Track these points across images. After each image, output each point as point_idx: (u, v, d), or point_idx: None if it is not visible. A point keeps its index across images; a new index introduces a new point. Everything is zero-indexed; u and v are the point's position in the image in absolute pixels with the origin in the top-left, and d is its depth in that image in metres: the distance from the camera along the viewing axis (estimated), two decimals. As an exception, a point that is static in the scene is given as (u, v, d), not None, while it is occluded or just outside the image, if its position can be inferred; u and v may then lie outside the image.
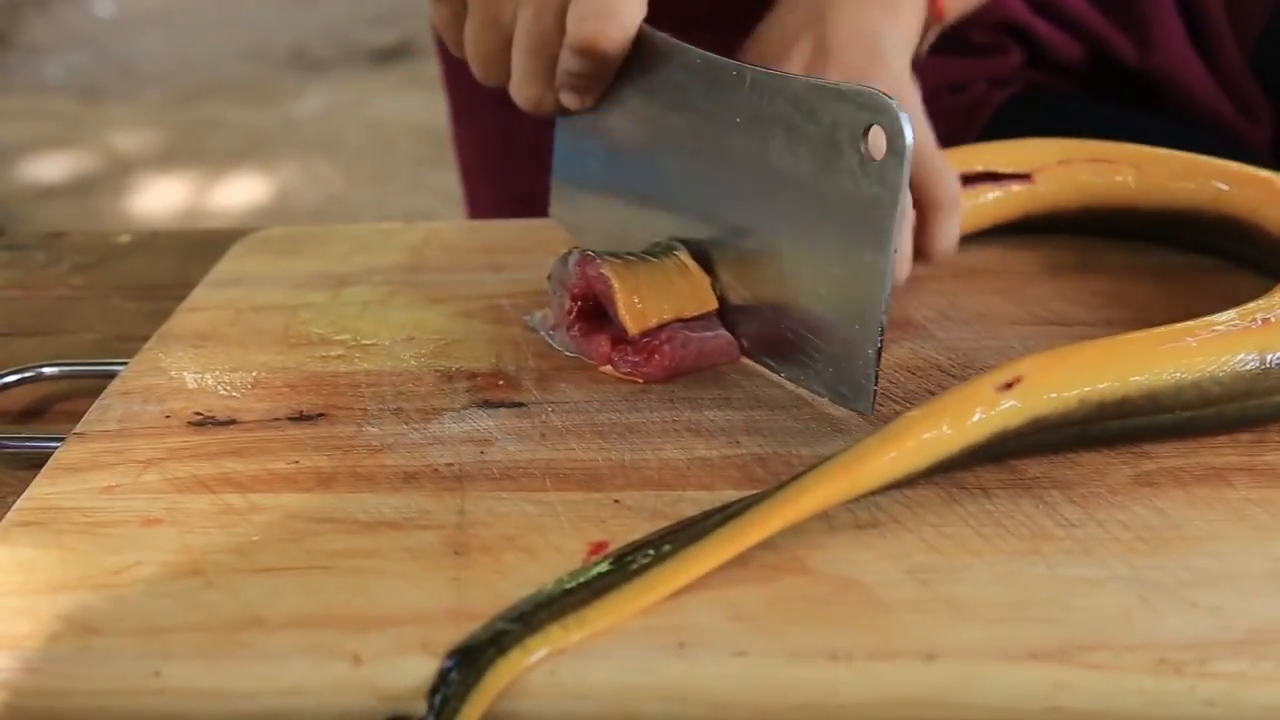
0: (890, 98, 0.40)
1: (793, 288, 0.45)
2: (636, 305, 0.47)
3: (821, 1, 0.54)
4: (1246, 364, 0.42)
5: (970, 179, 0.57)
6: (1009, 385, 0.40)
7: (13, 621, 0.36)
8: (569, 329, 0.49)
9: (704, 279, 0.48)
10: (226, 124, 2.78)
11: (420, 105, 2.65)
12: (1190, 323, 0.43)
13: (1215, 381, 0.41)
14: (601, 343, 0.48)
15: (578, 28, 0.46)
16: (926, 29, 0.56)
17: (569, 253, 0.49)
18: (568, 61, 0.48)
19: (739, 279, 0.48)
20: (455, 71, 0.86)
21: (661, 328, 0.47)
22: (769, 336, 0.47)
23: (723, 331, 0.48)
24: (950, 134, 0.70)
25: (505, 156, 0.84)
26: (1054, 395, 0.40)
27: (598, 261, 0.47)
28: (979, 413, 0.39)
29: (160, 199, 2.43)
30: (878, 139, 0.41)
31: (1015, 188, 0.57)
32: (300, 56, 3.16)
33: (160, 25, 3.48)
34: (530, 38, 0.48)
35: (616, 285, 0.47)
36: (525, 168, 0.81)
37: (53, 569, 0.38)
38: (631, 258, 0.48)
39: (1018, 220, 0.58)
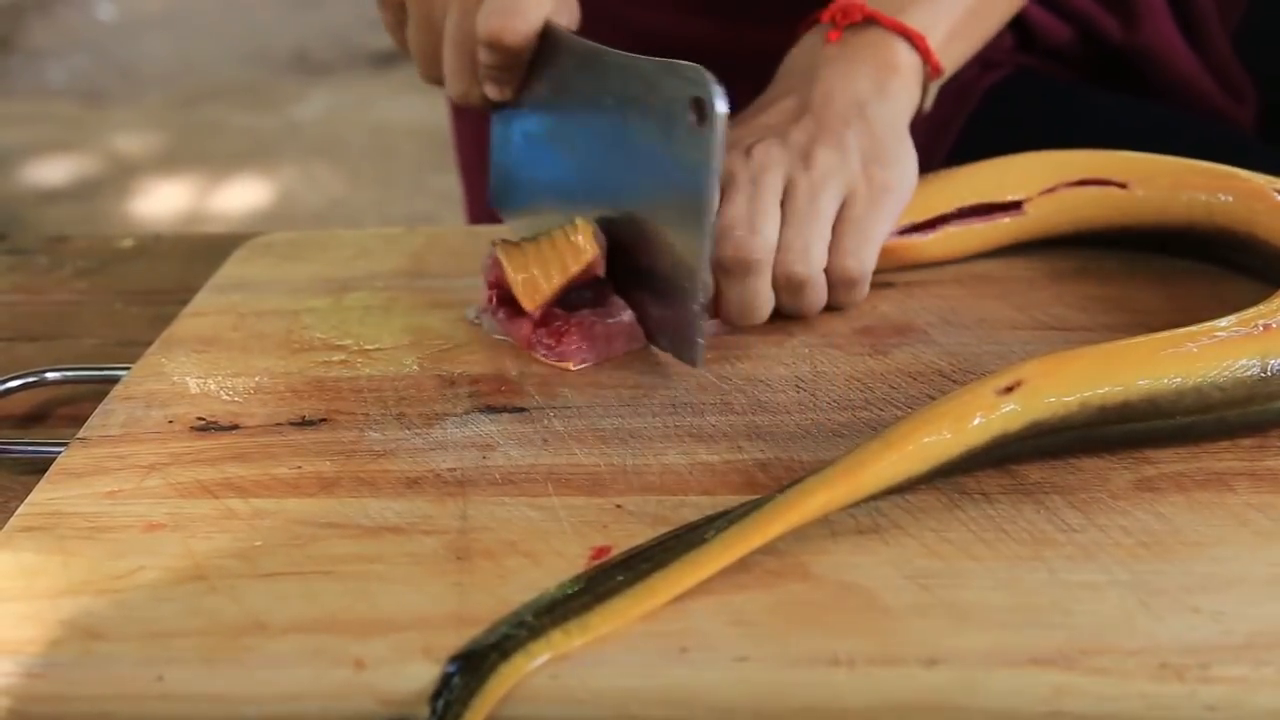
0: (707, 74, 0.44)
1: (652, 253, 0.49)
2: (525, 280, 0.50)
3: (814, 67, 0.55)
4: (1248, 369, 0.42)
5: (960, 214, 0.57)
6: (1009, 389, 0.40)
7: (16, 626, 0.36)
8: (494, 315, 0.52)
9: (587, 236, 0.50)
10: (228, 127, 2.79)
11: (422, 108, 2.65)
12: (1191, 328, 0.43)
13: (1216, 387, 0.41)
14: (523, 326, 0.50)
15: (484, 23, 0.50)
16: (926, 86, 0.56)
17: (491, 244, 0.52)
18: (481, 55, 0.52)
19: (632, 253, 0.50)
20: None
21: (562, 303, 0.50)
22: (648, 309, 0.50)
23: (626, 315, 0.50)
24: (940, 116, 0.70)
25: None
26: (1054, 399, 0.40)
27: (493, 248, 0.51)
28: (979, 416, 0.40)
29: (162, 203, 2.44)
30: (700, 108, 0.44)
31: (1005, 220, 0.57)
32: (302, 60, 3.17)
33: (162, 29, 3.48)
34: (455, 36, 0.52)
35: (507, 266, 0.50)
36: None
37: (56, 574, 0.38)
38: (528, 239, 0.51)
39: (1009, 245, 0.58)
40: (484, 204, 0.89)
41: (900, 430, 0.39)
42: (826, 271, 0.52)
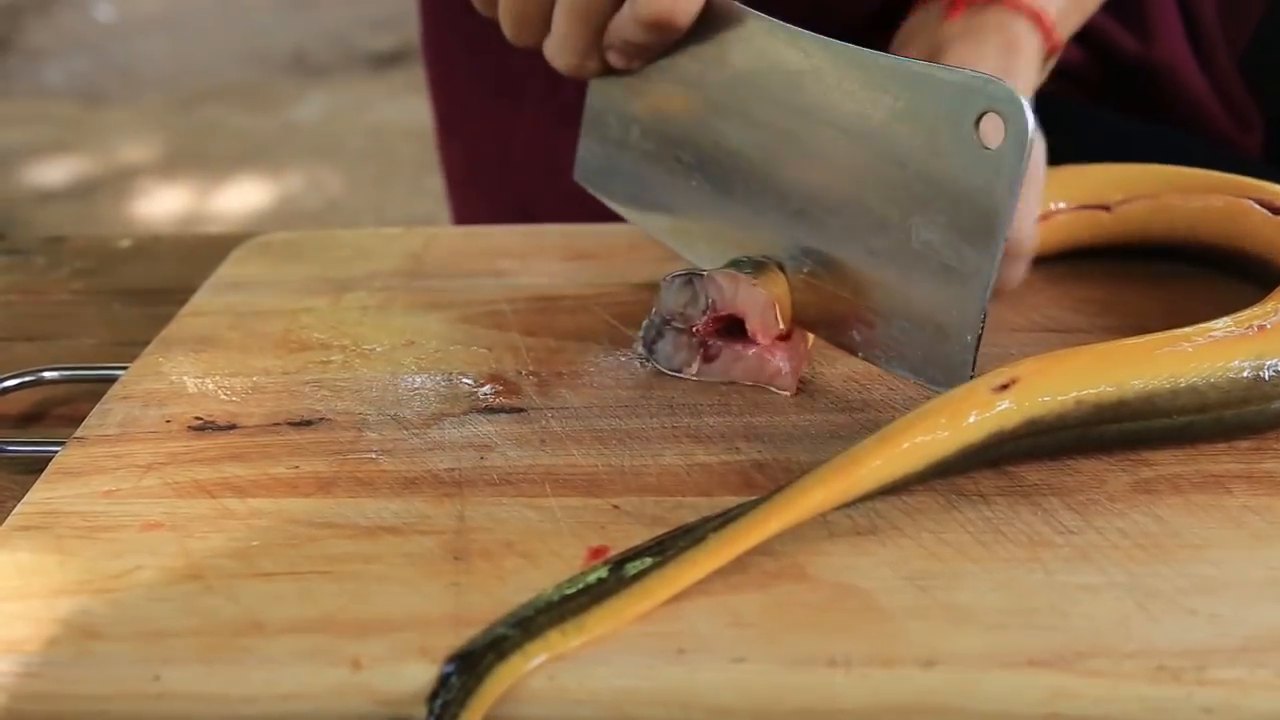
0: (1010, 86, 0.40)
1: (878, 272, 0.45)
2: (780, 298, 0.47)
3: (937, 45, 0.53)
4: (1243, 370, 0.42)
5: None
6: (1005, 386, 0.40)
7: (12, 626, 0.36)
8: (698, 345, 0.48)
9: (778, 274, 0.48)
10: (227, 129, 2.79)
11: (420, 109, 2.65)
12: (1188, 329, 0.43)
13: (1212, 386, 0.41)
14: (753, 351, 0.47)
15: (650, 3, 0.45)
16: (1045, 61, 0.56)
17: (677, 278, 0.48)
18: (629, 31, 0.47)
19: (806, 257, 0.47)
20: (442, 82, 0.86)
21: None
22: (841, 319, 0.47)
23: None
24: None
25: (498, 166, 0.84)
26: (1050, 397, 0.40)
27: (705, 274, 0.47)
28: (975, 414, 0.40)
29: (161, 204, 2.44)
30: (993, 126, 0.40)
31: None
32: (300, 61, 3.17)
33: (161, 30, 3.48)
34: (578, 3, 0.47)
35: (762, 288, 0.47)
36: (519, 177, 0.81)
37: (52, 573, 0.38)
38: (728, 268, 0.48)
39: None
40: (469, 200, 0.88)
41: (895, 428, 0.39)
42: None
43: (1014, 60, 0.54)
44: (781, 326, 0.47)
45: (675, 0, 0.45)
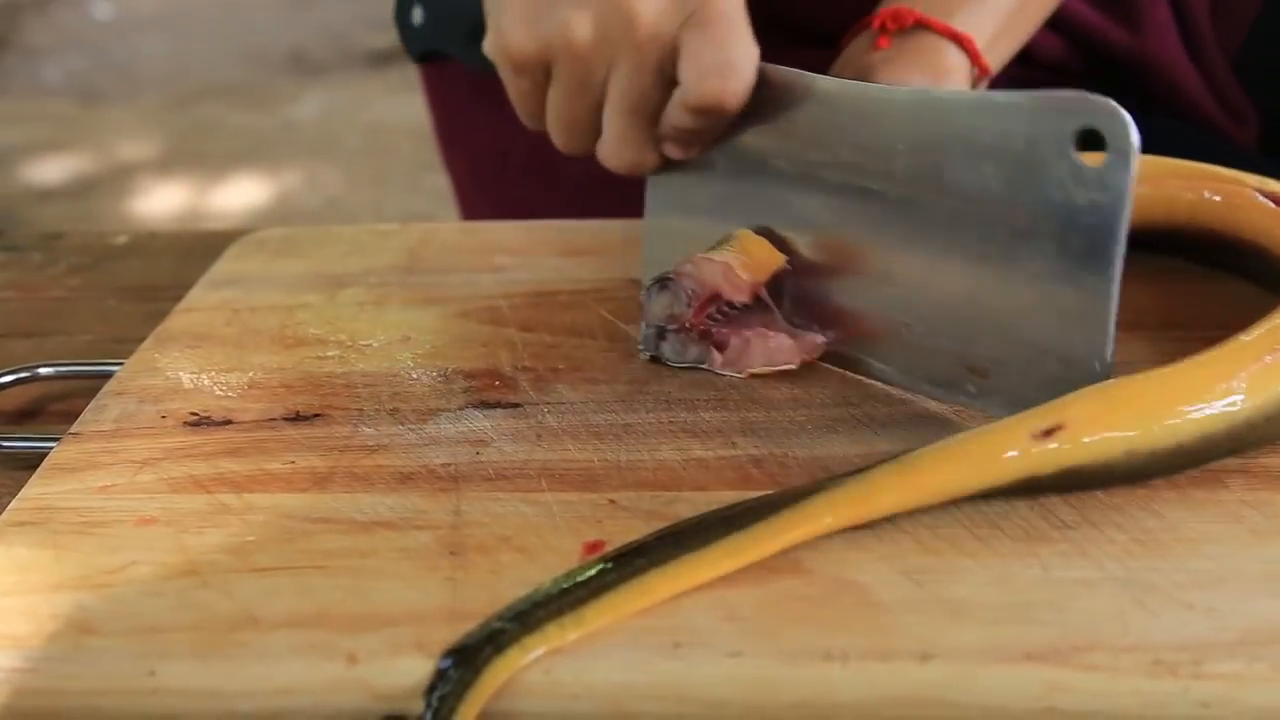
0: (1104, 98, 0.39)
1: (989, 316, 0.43)
2: (742, 262, 0.47)
3: (864, 72, 0.53)
4: None
5: None
6: (1049, 433, 0.38)
7: (8, 621, 0.36)
8: (690, 329, 0.48)
9: (765, 242, 0.48)
10: (225, 127, 2.79)
11: (418, 108, 2.65)
12: (1222, 349, 0.41)
13: (1267, 419, 0.40)
14: (745, 321, 0.47)
15: (698, 86, 0.44)
16: (975, 87, 0.56)
17: (654, 284, 0.48)
18: (681, 119, 0.46)
19: (904, 315, 0.46)
20: (439, 90, 0.86)
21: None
22: (936, 366, 0.45)
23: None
24: None
25: (498, 172, 0.84)
26: (1098, 444, 0.38)
27: (680, 265, 0.47)
28: (1009, 457, 0.38)
29: (159, 202, 2.43)
30: (1097, 142, 0.39)
31: None
32: (298, 60, 3.17)
33: (159, 28, 3.48)
34: (628, 99, 0.46)
35: (718, 254, 0.47)
36: (520, 183, 0.81)
37: (48, 569, 0.38)
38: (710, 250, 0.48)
39: None
40: (474, 205, 0.89)
41: (920, 462, 0.38)
42: None
43: (940, 85, 0.53)
44: (745, 277, 0.46)
45: (724, 81, 0.43)
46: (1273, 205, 0.52)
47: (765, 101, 0.46)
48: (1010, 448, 0.38)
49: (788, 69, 0.46)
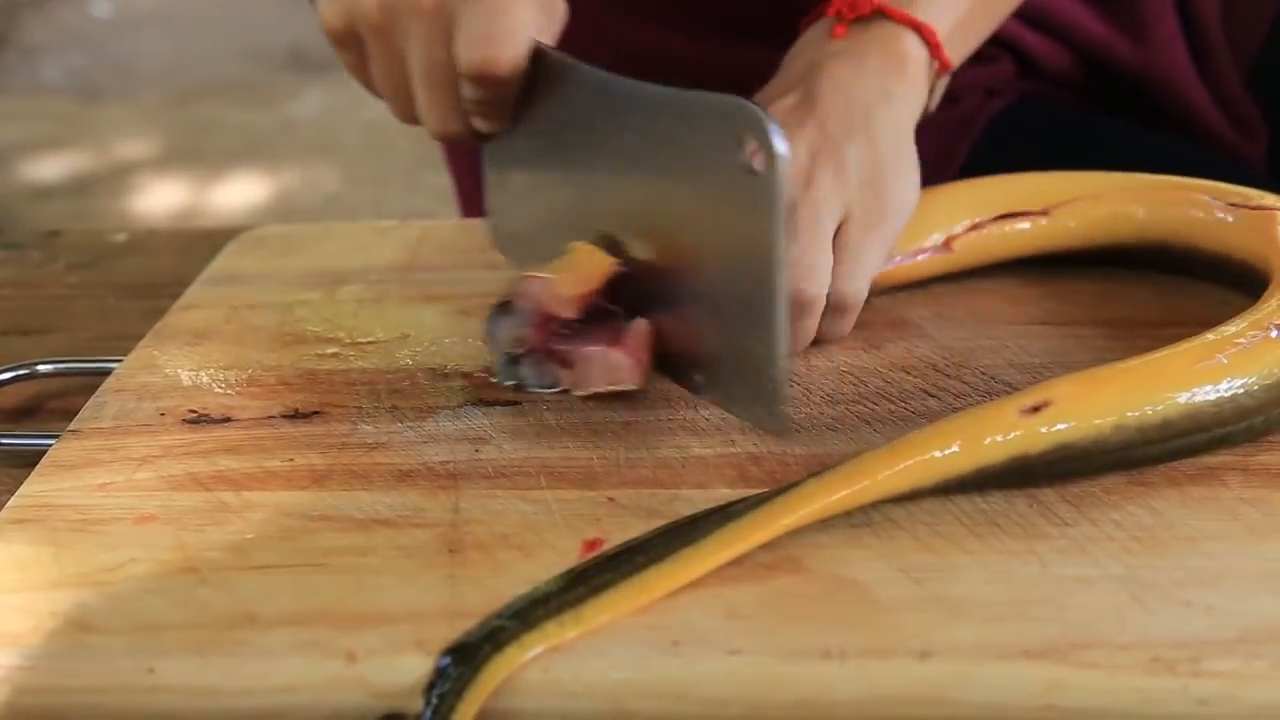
0: (761, 109, 0.39)
1: (704, 308, 0.44)
2: (564, 278, 0.46)
3: (818, 61, 0.53)
4: (1275, 374, 0.41)
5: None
6: (1036, 409, 0.39)
7: (7, 619, 0.36)
8: (536, 349, 0.47)
9: (597, 250, 0.47)
10: (224, 125, 2.78)
11: (418, 106, 2.65)
12: (1209, 337, 0.42)
13: (1251, 395, 0.41)
14: (580, 344, 0.46)
15: (468, 55, 0.45)
16: (934, 83, 0.55)
17: (495, 313, 0.47)
18: (465, 89, 0.47)
19: (659, 303, 0.46)
20: None
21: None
22: (684, 360, 0.46)
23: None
24: (943, 147, 0.68)
25: None
26: (1086, 421, 0.39)
27: (525, 277, 0.46)
28: (997, 436, 0.39)
29: (158, 200, 2.43)
30: (754, 151, 0.40)
31: (936, 258, 0.54)
32: (298, 57, 3.16)
33: (158, 26, 3.48)
34: (425, 70, 0.47)
35: (545, 271, 0.46)
36: None
37: (47, 566, 0.38)
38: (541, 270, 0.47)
39: (943, 276, 0.55)
40: (476, 205, 0.89)
41: (908, 441, 0.39)
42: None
43: (895, 79, 0.52)
44: (566, 292, 0.45)
45: (491, 49, 0.45)
46: (1229, 206, 0.51)
47: (544, 83, 0.47)
48: (999, 424, 0.39)
49: (562, 54, 0.47)
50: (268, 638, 0.35)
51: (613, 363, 0.45)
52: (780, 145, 0.39)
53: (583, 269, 0.46)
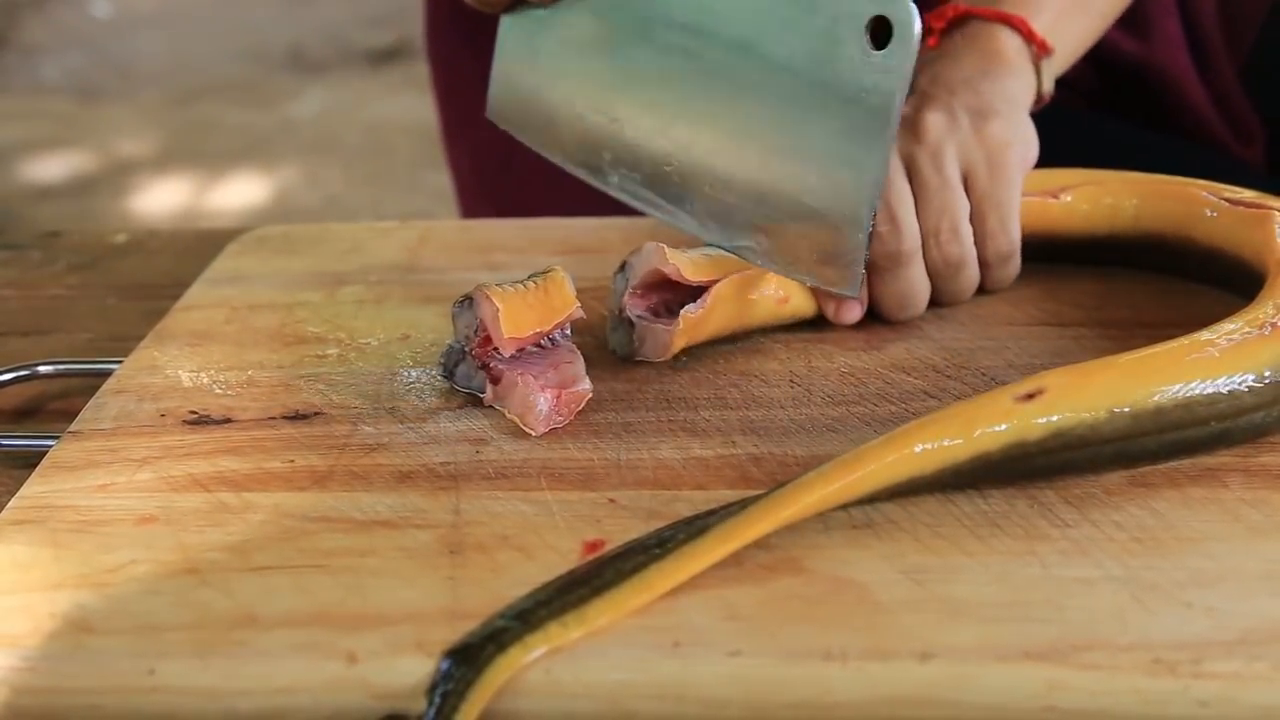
0: None
1: (776, 178, 0.47)
2: (506, 314, 0.45)
3: (918, 70, 0.51)
4: (1270, 370, 0.41)
5: None
6: (1030, 396, 0.39)
7: (8, 620, 0.36)
8: (481, 363, 0.46)
9: (567, 286, 0.46)
10: (224, 125, 2.78)
11: (418, 106, 2.65)
12: (1205, 333, 0.42)
13: (1250, 390, 0.41)
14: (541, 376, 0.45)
15: None
16: (1039, 67, 0.55)
17: (458, 303, 0.47)
18: None
19: (709, 172, 0.49)
20: (447, 86, 0.86)
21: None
22: (740, 228, 0.49)
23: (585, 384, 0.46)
24: None
25: (501, 172, 0.84)
26: (1081, 409, 0.39)
27: (474, 293, 0.46)
28: (993, 424, 0.39)
29: (158, 200, 2.43)
30: (882, 29, 0.43)
31: None
32: (298, 58, 3.16)
33: (157, 26, 3.47)
34: None
35: (495, 300, 0.45)
36: (522, 184, 0.81)
37: (47, 567, 0.38)
38: (506, 285, 0.46)
39: None
40: (476, 205, 0.89)
41: (904, 430, 0.39)
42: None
43: (994, 65, 0.54)
44: (505, 334, 0.44)
45: None
46: (1227, 205, 0.51)
47: None
48: (995, 411, 0.39)
49: None
50: (268, 639, 0.35)
51: (530, 402, 0.44)
52: (916, 24, 0.42)
53: (544, 303, 0.46)
